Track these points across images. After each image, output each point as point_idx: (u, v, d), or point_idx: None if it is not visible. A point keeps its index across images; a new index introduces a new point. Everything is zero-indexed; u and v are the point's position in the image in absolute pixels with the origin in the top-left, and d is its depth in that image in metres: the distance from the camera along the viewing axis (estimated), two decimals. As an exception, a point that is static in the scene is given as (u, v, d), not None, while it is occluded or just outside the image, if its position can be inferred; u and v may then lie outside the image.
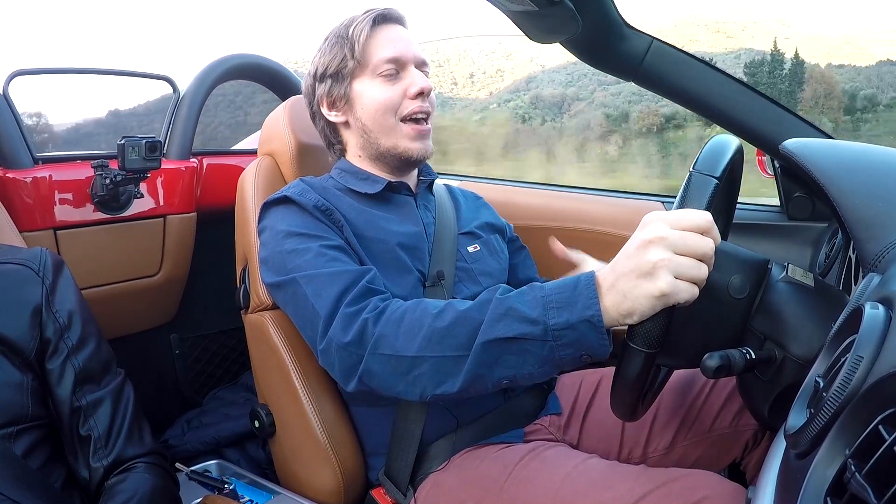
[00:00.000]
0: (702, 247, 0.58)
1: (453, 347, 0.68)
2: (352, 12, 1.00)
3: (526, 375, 0.67)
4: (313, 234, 0.85)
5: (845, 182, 0.65)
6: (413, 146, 0.95)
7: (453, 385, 0.68)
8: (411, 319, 0.71)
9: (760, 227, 1.29)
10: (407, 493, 0.88)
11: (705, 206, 0.61)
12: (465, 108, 29.32)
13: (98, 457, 0.79)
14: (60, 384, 0.79)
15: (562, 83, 22.78)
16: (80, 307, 0.85)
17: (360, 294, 0.77)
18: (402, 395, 0.73)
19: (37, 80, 1.27)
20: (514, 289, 0.70)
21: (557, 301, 0.63)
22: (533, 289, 0.67)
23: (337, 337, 0.74)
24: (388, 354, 0.71)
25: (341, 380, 0.77)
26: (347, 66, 0.95)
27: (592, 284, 0.62)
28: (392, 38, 0.95)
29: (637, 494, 0.70)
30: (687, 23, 21.73)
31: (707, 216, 0.59)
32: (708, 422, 0.93)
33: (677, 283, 0.57)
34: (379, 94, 0.94)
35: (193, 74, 1.51)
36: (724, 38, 20.27)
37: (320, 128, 1.04)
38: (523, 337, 0.64)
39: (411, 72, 0.95)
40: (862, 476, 0.34)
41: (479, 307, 0.69)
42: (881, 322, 0.44)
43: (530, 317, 0.64)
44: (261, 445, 1.39)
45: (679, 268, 0.57)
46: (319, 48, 0.99)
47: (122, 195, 1.30)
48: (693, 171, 0.62)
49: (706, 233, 0.59)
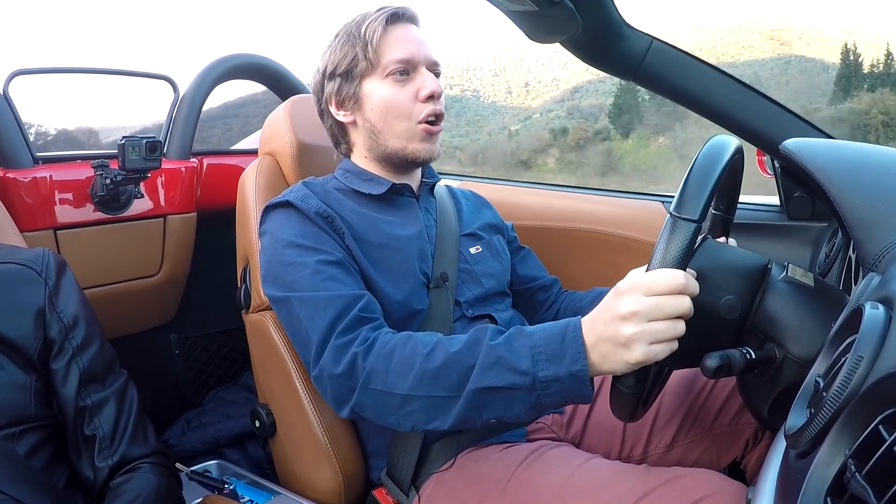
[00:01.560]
0: (676, 309, 0.61)
1: (444, 388, 0.70)
2: (364, 8, 0.97)
3: (513, 417, 0.70)
4: (312, 247, 0.84)
5: (845, 182, 0.65)
6: (421, 147, 0.94)
7: (443, 423, 0.72)
8: (401, 356, 0.73)
9: (760, 227, 1.29)
10: (409, 494, 0.88)
11: (682, 255, 0.61)
12: (514, 116, 29.36)
13: (103, 456, 0.79)
14: (65, 384, 0.79)
15: (606, 93, 22.66)
16: (84, 307, 0.85)
17: (351, 324, 0.78)
18: (393, 427, 0.76)
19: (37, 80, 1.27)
20: (503, 328, 0.73)
21: (546, 353, 0.66)
22: (521, 335, 0.69)
23: (328, 367, 0.77)
24: (380, 390, 0.74)
25: (334, 407, 0.79)
26: (358, 66, 0.93)
27: (579, 338, 0.66)
28: (404, 37, 0.93)
29: (638, 493, 0.70)
30: (743, 29, 21.65)
31: (679, 277, 0.60)
32: (709, 420, 0.93)
33: (652, 349, 0.61)
34: (389, 96, 0.92)
35: (193, 74, 1.51)
36: (778, 45, 20.18)
37: (328, 126, 1.02)
38: (513, 387, 0.67)
39: (422, 73, 0.93)
40: (862, 476, 0.34)
41: (468, 349, 0.71)
42: (881, 322, 0.44)
43: (520, 368, 0.67)
44: (261, 445, 1.40)
45: (654, 335, 0.61)
46: (329, 45, 0.97)
47: (123, 195, 1.30)
48: (671, 213, 0.62)
49: (682, 291, 0.61)
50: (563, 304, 1.10)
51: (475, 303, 0.97)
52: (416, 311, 0.91)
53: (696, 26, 13.17)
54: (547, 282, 1.14)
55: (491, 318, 0.97)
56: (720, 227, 0.90)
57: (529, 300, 1.13)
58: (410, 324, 0.91)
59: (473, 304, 0.97)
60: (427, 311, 0.92)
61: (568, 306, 1.09)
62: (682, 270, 0.61)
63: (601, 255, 1.37)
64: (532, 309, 1.13)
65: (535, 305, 1.13)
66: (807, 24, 21.81)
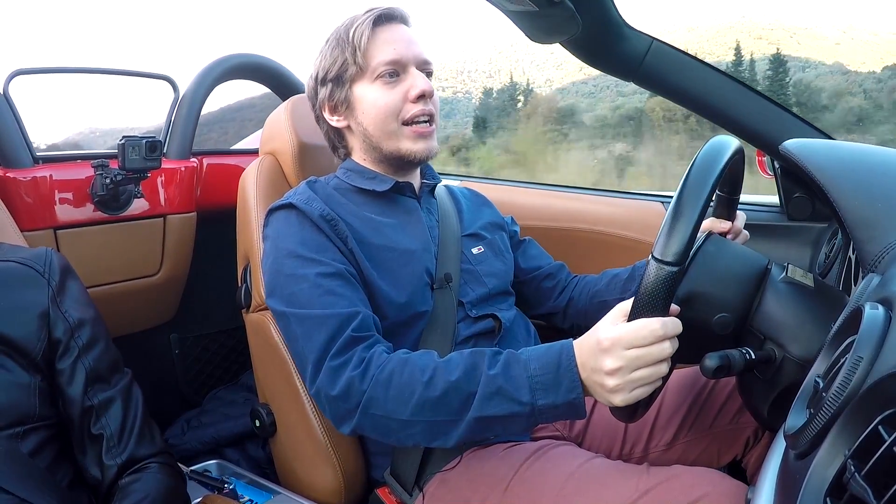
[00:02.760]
0: (658, 356, 0.64)
1: (445, 413, 0.73)
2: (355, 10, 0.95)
3: (511, 434, 0.77)
4: (313, 258, 0.84)
5: (845, 182, 0.65)
6: (416, 147, 0.94)
7: (446, 442, 0.75)
8: (399, 384, 0.74)
9: (760, 227, 1.29)
10: (413, 493, 0.88)
11: (663, 300, 0.63)
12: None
13: (111, 455, 0.79)
14: (72, 384, 0.79)
15: (584, 94, 22.57)
16: (89, 307, 0.85)
17: (345, 345, 0.78)
18: (395, 444, 0.81)
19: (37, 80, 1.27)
20: (499, 349, 0.76)
21: (542, 383, 0.70)
22: (518, 363, 0.72)
23: (325, 388, 0.78)
24: (380, 415, 0.75)
25: (334, 424, 0.81)
26: (348, 71, 0.92)
27: (573, 368, 0.69)
28: (392, 38, 0.92)
29: (639, 491, 0.71)
30: (734, 29, 21.50)
31: (657, 330, 0.63)
32: (709, 419, 0.93)
33: (635, 393, 0.66)
34: (379, 99, 0.92)
35: (193, 74, 1.51)
36: (766, 45, 20.00)
37: (324, 131, 1.02)
38: (513, 415, 0.71)
39: (412, 73, 0.92)
40: (861, 476, 0.34)
41: (467, 377, 0.73)
42: (881, 322, 0.44)
43: (520, 400, 0.70)
44: (261, 445, 1.40)
45: (637, 382, 0.65)
46: (321, 50, 0.97)
47: (122, 195, 1.30)
48: (652, 256, 0.62)
49: (662, 339, 0.64)
50: (577, 291, 1.10)
51: (479, 303, 0.97)
52: (420, 313, 0.90)
53: (690, 26, 13.04)
54: (552, 269, 1.13)
55: (494, 318, 0.97)
56: (725, 206, 0.90)
57: (536, 290, 1.12)
58: (414, 326, 0.91)
59: (477, 305, 0.96)
60: (431, 313, 0.91)
61: (582, 291, 1.08)
62: (662, 316, 0.63)
63: (600, 256, 1.37)
64: (541, 297, 1.12)
65: (543, 293, 1.12)
66: (799, 22, 21.72)
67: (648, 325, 0.64)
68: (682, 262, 0.61)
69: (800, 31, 21.48)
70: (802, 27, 21.76)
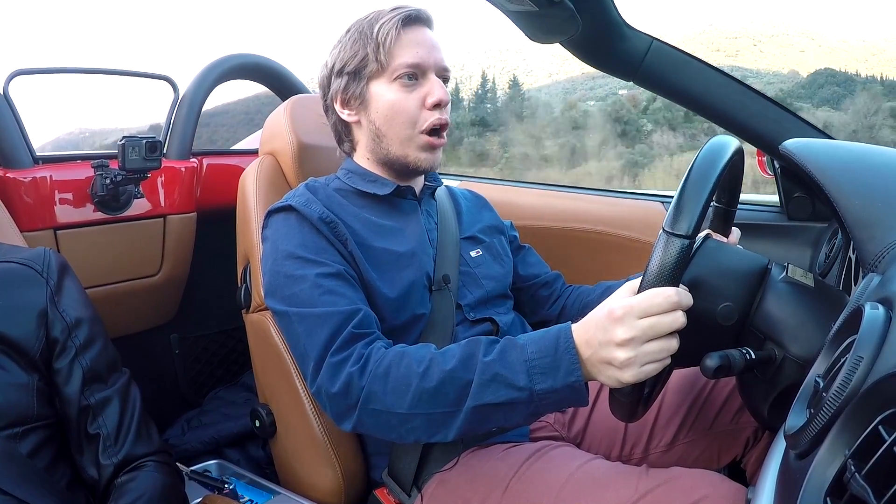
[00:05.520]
0: (671, 325, 0.62)
1: (443, 405, 0.72)
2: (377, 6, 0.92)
3: (512, 424, 0.74)
4: (312, 259, 0.84)
5: (845, 182, 0.65)
6: (423, 157, 0.93)
7: (446, 436, 0.73)
8: (397, 376, 0.74)
9: (760, 227, 1.29)
10: (412, 493, 0.88)
11: (676, 271, 0.62)
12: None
13: (108, 454, 0.79)
14: (69, 383, 0.79)
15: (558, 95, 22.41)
16: (87, 307, 0.85)
17: (345, 342, 0.78)
18: (396, 441, 0.80)
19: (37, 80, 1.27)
20: (497, 337, 0.74)
21: (541, 367, 0.68)
22: (514, 348, 0.70)
23: (325, 386, 0.77)
24: (379, 410, 0.74)
25: (335, 421, 0.80)
26: (368, 67, 0.90)
27: (572, 349, 0.67)
28: (417, 41, 0.90)
29: (638, 493, 0.71)
30: (699, 38, 21.35)
31: (672, 296, 0.62)
32: (709, 419, 0.93)
33: (645, 369, 0.63)
34: (396, 101, 0.90)
35: (193, 74, 1.51)
36: (723, 57, 19.79)
37: (332, 122, 1.00)
38: (512, 401, 0.69)
39: (431, 80, 0.91)
40: (862, 476, 0.34)
41: (463, 365, 0.72)
42: (881, 322, 0.44)
43: (517, 385, 0.68)
44: (261, 445, 1.40)
45: (648, 356, 0.63)
46: (339, 40, 0.94)
47: (122, 195, 1.30)
48: (664, 229, 0.62)
49: (676, 308, 0.62)
50: (570, 299, 1.10)
51: (476, 306, 0.97)
52: (418, 315, 0.90)
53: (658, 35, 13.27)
54: (549, 278, 1.14)
55: (492, 322, 0.97)
56: (722, 219, 0.90)
57: (532, 297, 1.13)
58: (413, 329, 0.90)
59: (475, 308, 0.96)
60: (429, 316, 0.91)
61: (575, 301, 1.09)
62: (674, 287, 0.62)
63: (600, 255, 1.37)
64: (536, 305, 1.13)
65: (538, 301, 1.13)
66: (767, 30, 21.43)
67: (663, 292, 0.62)
68: (694, 234, 0.61)
69: (765, 40, 21.36)
70: (769, 35, 21.63)
